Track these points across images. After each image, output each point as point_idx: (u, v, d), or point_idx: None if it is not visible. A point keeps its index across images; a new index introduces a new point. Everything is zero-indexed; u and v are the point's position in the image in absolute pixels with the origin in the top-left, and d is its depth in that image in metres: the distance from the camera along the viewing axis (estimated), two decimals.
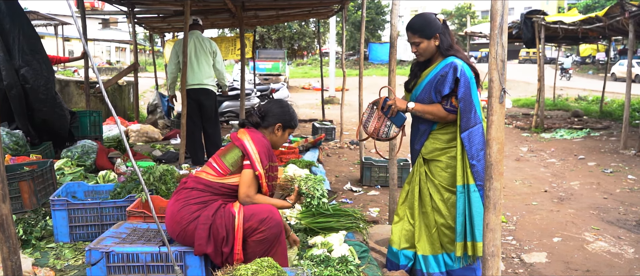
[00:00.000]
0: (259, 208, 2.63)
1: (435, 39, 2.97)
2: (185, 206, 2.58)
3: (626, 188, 6.37)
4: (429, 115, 3.02)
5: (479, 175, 2.85)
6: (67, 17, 18.91)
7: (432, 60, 3.09)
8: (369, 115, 3.17)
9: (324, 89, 13.67)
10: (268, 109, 2.92)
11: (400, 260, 3.25)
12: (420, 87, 3.08)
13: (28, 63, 5.18)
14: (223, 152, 2.78)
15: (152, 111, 10.73)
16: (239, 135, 2.77)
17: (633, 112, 11.84)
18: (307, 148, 7.35)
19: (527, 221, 5.12)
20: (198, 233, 2.51)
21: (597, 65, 34.39)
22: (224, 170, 2.69)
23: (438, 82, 2.96)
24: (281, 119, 2.89)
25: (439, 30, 2.97)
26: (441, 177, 3.10)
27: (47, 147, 5.41)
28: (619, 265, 4.00)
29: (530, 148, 9.62)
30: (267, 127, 2.88)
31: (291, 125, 2.94)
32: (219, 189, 2.66)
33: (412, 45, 3.02)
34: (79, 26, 2.04)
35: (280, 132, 2.90)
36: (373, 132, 3.15)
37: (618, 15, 9.27)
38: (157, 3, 8.29)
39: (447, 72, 2.92)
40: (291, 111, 2.95)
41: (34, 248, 3.26)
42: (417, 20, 3.02)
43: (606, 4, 24.30)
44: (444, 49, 2.98)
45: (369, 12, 36.85)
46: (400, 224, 3.29)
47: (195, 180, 2.69)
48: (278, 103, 2.98)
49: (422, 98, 3.06)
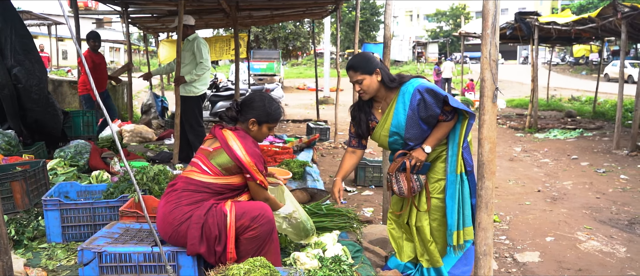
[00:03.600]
0: (251, 206, 2.63)
1: (376, 73, 2.99)
2: (177, 207, 2.56)
3: (618, 188, 6.41)
4: (442, 135, 3.03)
5: (467, 161, 3.01)
6: (61, 17, 18.80)
7: (378, 98, 3.09)
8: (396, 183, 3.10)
9: (319, 89, 13.67)
10: (245, 103, 2.83)
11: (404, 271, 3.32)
12: (401, 126, 3.01)
13: (20, 63, 5.15)
14: (210, 153, 2.68)
15: (146, 111, 10.69)
16: (228, 142, 2.65)
17: (625, 112, 11.90)
18: (302, 149, 7.35)
19: (521, 220, 5.14)
20: (190, 233, 2.50)
21: (590, 66, 34.56)
22: (215, 171, 2.63)
23: (421, 110, 2.94)
24: (255, 114, 2.78)
25: (379, 66, 3.01)
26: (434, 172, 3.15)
27: (39, 147, 5.38)
28: (611, 264, 4.03)
29: (524, 148, 9.66)
30: (244, 122, 2.80)
31: (268, 120, 2.81)
32: (216, 188, 2.63)
33: (356, 84, 3.02)
34: (71, 26, 2.03)
35: (255, 127, 2.80)
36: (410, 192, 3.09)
37: (611, 16, 9.32)
38: (151, 3, 8.27)
39: (422, 98, 2.92)
40: (268, 105, 2.81)
41: (26, 249, 3.24)
42: (356, 58, 3.06)
43: (600, 5, 24.45)
44: (388, 82, 3.00)
45: (363, 12, 36.92)
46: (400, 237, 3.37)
47: (186, 180, 2.65)
48: (257, 96, 2.86)
49: (413, 133, 3.01)
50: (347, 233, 3.62)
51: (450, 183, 3.01)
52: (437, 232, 3.17)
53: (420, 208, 3.16)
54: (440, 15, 48.21)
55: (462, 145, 2.99)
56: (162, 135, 8.68)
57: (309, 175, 5.62)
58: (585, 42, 15.89)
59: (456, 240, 3.03)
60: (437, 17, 48.82)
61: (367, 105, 3.17)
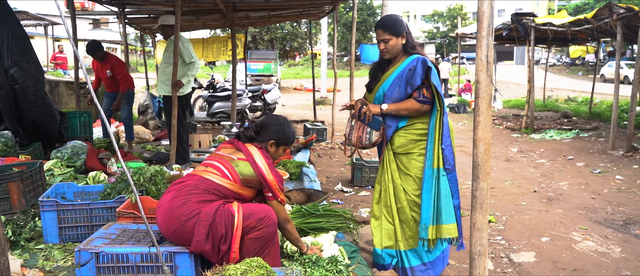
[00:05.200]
0: (257, 208, 2.69)
1: (402, 37, 3.14)
2: (186, 203, 2.59)
3: (614, 189, 6.44)
4: (404, 111, 3.14)
5: (448, 159, 3.00)
6: (57, 17, 18.76)
7: (394, 60, 3.22)
8: (350, 128, 3.32)
9: (316, 90, 13.68)
10: (264, 124, 2.94)
11: (385, 259, 3.29)
12: (388, 82, 3.18)
13: (17, 63, 5.14)
14: (234, 161, 2.75)
15: (143, 112, 10.68)
16: (255, 159, 2.74)
17: (621, 113, 11.95)
18: (299, 149, 7.36)
19: (516, 221, 5.16)
20: (197, 230, 2.53)
21: (586, 67, 34.70)
22: (236, 179, 2.71)
23: (407, 75, 3.09)
24: (275, 136, 2.90)
25: (406, 30, 3.15)
26: (416, 167, 3.18)
27: (36, 148, 5.37)
28: (606, 264, 4.05)
29: (520, 148, 9.70)
30: (261, 142, 2.90)
31: (286, 142, 2.95)
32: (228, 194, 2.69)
33: (381, 42, 3.15)
34: (68, 27, 2.04)
35: (273, 148, 2.91)
36: (357, 141, 3.28)
37: (606, 17, 9.37)
38: (147, 3, 8.28)
39: (416, 66, 3.07)
40: (287, 128, 2.95)
41: (23, 250, 3.24)
42: (388, 18, 3.22)
43: (596, 6, 24.54)
44: (409, 47, 3.16)
45: (360, 13, 36.94)
46: (379, 223, 3.34)
47: (199, 179, 2.68)
48: (275, 119, 2.99)
49: (391, 92, 3.16)
50: (343, 234, 3.64)
51: (427, 177, 3.06)
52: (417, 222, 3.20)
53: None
54: (438, 15, 48.26)
55: (443, 143, 3.01)
56: (159, 136, 8.68)
57: (305, 176, 5.63)
58: (581, 43, 15.95)
59: (430, 234, 3.01)
60: (435, 17, 48.90)
61: (386, 63, 3.29)
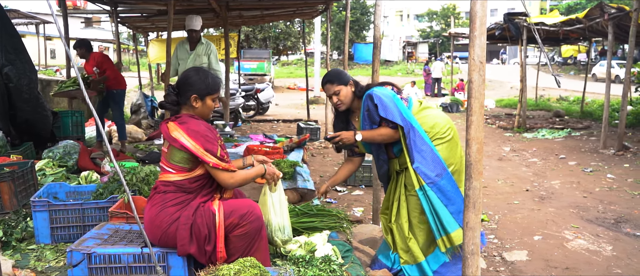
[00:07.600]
0: (239, 204, 2.63)
1: (350, 84, 3.25)
2: (162, 209, 2.55)
3: (605, 187, 6.49)
4: (378, 137, 3.20)
5: (424, 174, 3.05)
6: (49, 16, 18.62)
7: (354, 108, 3.34)
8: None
9: (309, 89, 13.68)
10: (180, 83, 2.69)
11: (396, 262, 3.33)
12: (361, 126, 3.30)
13: (11, 62, 5.11)
14: (167, 154, 2.62)
15: (135, 111, 10.63)
16: (171, 134, 2.55)
17: (612, 112, 12.04)
18: (292, 149, 7.34)
19: (509, 220, 5.19)
20: (180, 234, 2.50)
21: (578, 66, 34.89)
22: (178, 169, 2.58)
23: (368, 116, 3.19)
24: (195, 89, 2.63)
25: (351, 78, 3.29)
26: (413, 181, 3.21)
27: (28, 148, 5.33)
28: (597, 263, 4.08)
29: (513, 148, 9.75)
30: (185, 103, 2.66)
31: (209, 92, 2.66)
32: (190, 185, 2.59)
33: (333, 96, 3.25)
34: (60, 26, 2.02)
35: (198, 103, 2.65)
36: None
37: (598, 17, 9.44)
38: (140, 2, 8.24)
39: (368, 105, 3.17)
40: (204, 77, 2.67)
41: (14, 250, 3.21)
42: (331, 72, 3.33)
43: (587, 6, 24.70)
44: (357, 91, 3.27)
45: (353, 12, 36.93)
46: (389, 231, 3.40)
47: (164, 183, 2.62)
48: (190, 72, 2.71)
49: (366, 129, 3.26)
50: (337, 233, 3.64)
51: (420, 196, 3.10)
52: (417, 228, 3.22)
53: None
54: (432, 14, 48.33)
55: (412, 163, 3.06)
56: (152, 135, 8.62)
57: (299, 175, 5.62)
58: (573, 42, 16.07)
59: (443, 246, 3.07)
60: (429, 16, 48.98)
61: (345, 116, 3.40)
